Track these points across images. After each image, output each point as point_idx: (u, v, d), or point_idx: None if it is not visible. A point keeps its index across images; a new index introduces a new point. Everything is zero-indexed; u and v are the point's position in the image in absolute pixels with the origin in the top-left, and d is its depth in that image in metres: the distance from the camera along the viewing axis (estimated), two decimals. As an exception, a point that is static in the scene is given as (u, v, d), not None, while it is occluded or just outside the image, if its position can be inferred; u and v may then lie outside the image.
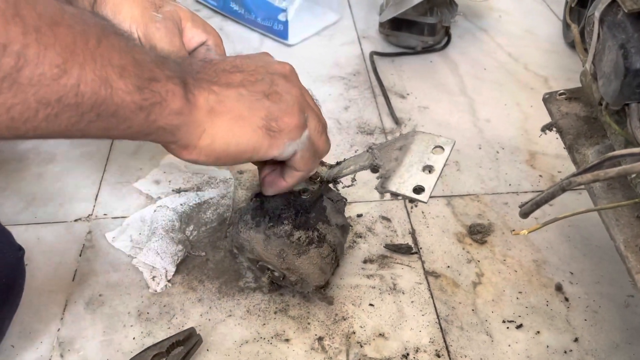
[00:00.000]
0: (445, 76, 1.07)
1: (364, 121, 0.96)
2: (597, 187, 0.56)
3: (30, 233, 0.76)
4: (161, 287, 0.68)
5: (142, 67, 0.42)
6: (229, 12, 1.21)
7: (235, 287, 0.69)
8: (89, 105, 0.39)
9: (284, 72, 0.53)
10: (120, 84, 0.40)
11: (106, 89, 0.39)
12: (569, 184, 0.40)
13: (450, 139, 0.57)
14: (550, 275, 0.71)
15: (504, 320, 0.66)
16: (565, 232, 0.77)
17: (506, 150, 0.90)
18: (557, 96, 0.67)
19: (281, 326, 0.65)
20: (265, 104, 0.50)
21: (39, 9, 0.36)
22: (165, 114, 0.43)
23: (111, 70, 0.39)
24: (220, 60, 0.51)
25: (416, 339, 0.64)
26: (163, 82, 0.43)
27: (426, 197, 0.53)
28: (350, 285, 0.70)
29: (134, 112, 0.41)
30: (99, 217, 0.78)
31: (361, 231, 0.77)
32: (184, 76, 0.46)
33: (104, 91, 0.39)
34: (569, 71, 1.07)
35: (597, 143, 0.60)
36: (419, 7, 1.07)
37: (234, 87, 0.49)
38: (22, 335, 0.64)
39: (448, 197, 0.82)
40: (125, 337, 0.64)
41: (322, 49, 1.14)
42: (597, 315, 0.67)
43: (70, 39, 0.37)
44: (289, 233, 0.59)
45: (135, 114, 0.41)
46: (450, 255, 0.74)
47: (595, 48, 0.56)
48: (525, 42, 1.17)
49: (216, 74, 0.49)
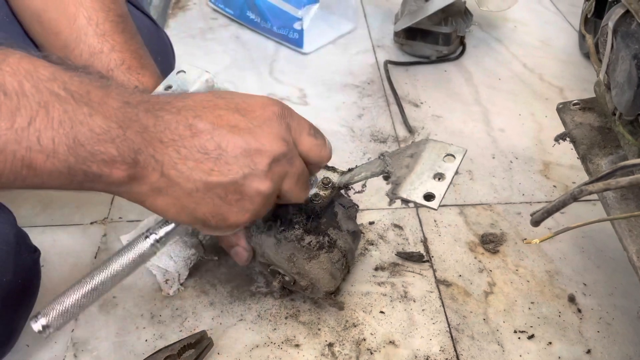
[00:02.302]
0: (460, 86, 1.07)
1: (377, 129, 0.96)
2: (611, 197, 0.55)
3: (47, 235, 0.77)
4: (174, 290, 0.69)
5: (80, 148, 0.39)
6: (246, 21, 1.22)
7: (247, 291, 0.70)
8: (12, 178, 0.38)
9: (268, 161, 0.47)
10: (46, 165, 0.38)
11: (29, 170, 0.38)
12: (580, 193, 0.40)
13: (461, 147, 0.57)
14: (563, 286, 0.71)
15: (515, 331, 0.66)
16: (579, 243, 0.76)
17: (520, 160, 0.90)
18: (571, 106, 0.67)
19: (292, 331, 0.65)
20: (218, 203, 0.46)
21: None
22: (100, 185, 0.42)
23: (37, 152, 0.38)
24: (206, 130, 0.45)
25: (426, 348, 0.64)
26: (102, 163, 0.40)
27: (436, 205, 0.53)
28: (361, 292, 0.70)
29: (64, 184, 0.40)
30: (115, 220, 0.80)
31: (373, 238, 0.77)
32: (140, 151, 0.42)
33: (26, 171, 0.38)
34: (585, 82, 1.06)
35: (610, 153, 0.60)
36: (433, 17, 1.08)
37: (193, 179, 0.45)
38: (37, 335, 0.64)
39: (461, 206, 0.82)
40: (138, 339, 0.65)
41: (336, 58, 1.15)
42: (610, 327, 0.66)
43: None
44: (300, 237, 0.60)
45: (66, 185, 0.40)
46: (462, 264, 0.74)
47: (608, 58, 0.55)
48: (540, 52, 1.17)
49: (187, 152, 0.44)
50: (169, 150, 0.44)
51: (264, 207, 0.49)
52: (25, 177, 0.38)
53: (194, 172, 0.45)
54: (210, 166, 0.45)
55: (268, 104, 0.49)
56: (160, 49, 0.81)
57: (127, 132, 0.41)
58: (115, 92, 0.43)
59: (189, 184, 0.45)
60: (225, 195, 0.46)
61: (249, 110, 0.48)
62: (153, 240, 0.50)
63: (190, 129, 0.45)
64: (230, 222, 0.48)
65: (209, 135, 0.45)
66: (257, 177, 0.47)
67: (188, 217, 0.47)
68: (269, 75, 1.10)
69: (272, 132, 0.48)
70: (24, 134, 0.37)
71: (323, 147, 0.54)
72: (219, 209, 0.47)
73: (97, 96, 0.41)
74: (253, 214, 0.49)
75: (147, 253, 0.50)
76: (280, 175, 0.49)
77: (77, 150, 0.39)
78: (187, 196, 0.45)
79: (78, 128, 0.39)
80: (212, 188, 0.45)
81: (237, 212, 0.47)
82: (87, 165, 0.40)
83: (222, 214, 0.47)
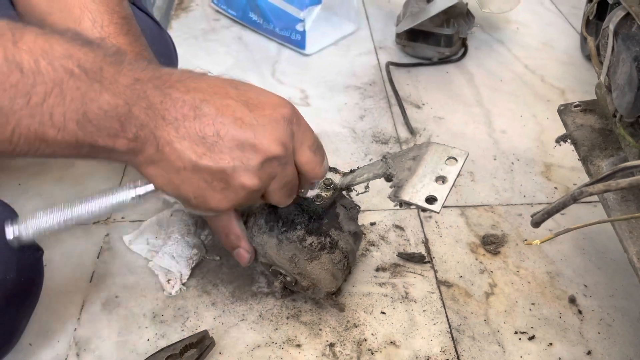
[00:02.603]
0: (461, 87, 1.08)
1: (379, 130, 0.97)
2: (611, 199, 0.56)
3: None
4: (176, 290, 0.70)
5: (88, 123, 0.41)
6: (248, 22, 1.23)
7: (249, 291, 0.70)
8: (25, 149, 0.40)
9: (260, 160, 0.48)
10: (57, 138, 0.41)
11: (41, 142, 0.40)
12: (581, 194, 0.40)
13: (464, 150, 0.57)
14: (564, 288, 0.71)
15: (516, 332, 0.66)
16: (579, 244, 0.76)
17: (521, 161, 0.90)
18: (572, 108, 0.67)
19: (293, 331, 0.66)
20: (202, 186, 0.48)
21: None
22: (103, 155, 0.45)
23: (49, 126, 0.40)
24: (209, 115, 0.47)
25: (427, 348, 0.64)
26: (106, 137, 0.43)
27: (438, 208, 0.54)
28: (363, 292, 0.70)
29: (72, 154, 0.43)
30: (117, 221, 0.80)
31: (374, 239, 0.77)
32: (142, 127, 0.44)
33: (39, 143, 0.40)
34: (586, 84, 1.06)
35: (611, 155, 0.60)
36: (435, 19, 1.08)
37: (184, 158, 0.46)
38: (40, 334, 0.66)
39: (462, 207, 0.82)
40: (140, 338, 0.65)
41: (338, 59, 1.15)
42: (610, 328, 0.66)
43: (7, 100, 0.38)
44: (302, 238, 0.60)
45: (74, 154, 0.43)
46: (463, 265, 0.74)
47: (609, 60, 0.56)
48: (542, 54, 1.17)
49: (186, 132, 0.46)
50: (169, 127, 0.46)
51: (246, 201, 0.51)
52: (37, 148, 0.41)
53: (186, 152, 0.46)
54: (204, 150, 0.47)
55: (280, 105, 0.50)
56: (163, 50, 0.82)
57: (132, 108, 0.43)
58: (127, 67, 0.44)
59: (179, 162, 0.47)
60: (211, 180, 0.48)
61: (258, 107, 0.49)
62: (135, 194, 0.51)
63: (194, 111, 0.46)
64: (211, 206, 0.50)
65: (210, 121, 0.47)
66: (247, 172, 0.48)
67: (172, 190, 0.49)
68: (271, 77, 1.10)
69: (274, 134, 0.49)
70: (38, 110, 0.39)
71: (319, 165, 0.54)
72: (202, 192, 0.49)
73: (109, 72, 0.43)
74: (234, 204, 0.50)
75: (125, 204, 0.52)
76: (270, 175, 0.50)
77: (85, 125, 0.41)
78: (175, 173, 0.47)
79: (88, 105, 0.41)
80: (200, 171, 0.47)
81: (219, 199, 0.49)
82: (93, 139, 0.42)
83: (204, 197, 0.49)
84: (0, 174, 0.87)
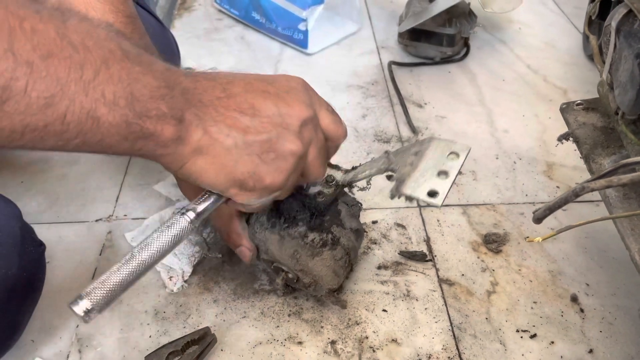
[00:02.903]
0: (464, 86, 1.08)
1: (381, 129, 0.97)
2: (613, 196, 0.56)
3: (53, 232, 0.78)
4: (178, 287, 0.70)
5: (137, 102, 0.41)
6: (251, 21, 1.23)
7: (250, 289, 0.70)
8: (75, 132, 0.39)
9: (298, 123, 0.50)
10: (108, 118, 0.40)
11: (93, 122, 0.40)
12: (582, 189, 0.40)
13: (465, 145, 0.57)
14: (566, 286, 0.71)
15: (517, 330, 0.66)
16: (581, 243, 0.76)
17: (523, 160, 0.90)
18: (575, 106, 0.67)
19: (294, 329, 0.66)
20: (255, 161, 0.49)
21: (35, 40, 0.36)
22: (150, 145, 0.44)
23: (102, 104, 0.40)
24: (240, 93, 0.49)
25: (429, 346, 0.64)
26: (155, 119, 0.43)
27: (440, 202, 0.54)
28: (364, 290, 0.70)
29: (119, 142, 0.42)
30: (120, 218, 0.80)
31: (376, 237, 0.77)
32: (185, 109, 0.45)
33: (91, 123, 0.40)
34: (589, 84, 1.06)
35: (613, 153, 0.60)
36: (438, 18, 1.08)
37: (232, 135, 0.47)
38: (42, 330, 0.66)
39: (464, 206, 0.82)
40: (142, 335, 0.65)
41: (341, 58, 1.16)
42: (612, 327, 0.66)
43: (63, 71, 0.38)
44: (303, 234, 0.60)
45: (121, 143, 0.42)
46: (465, 263, 0.74)
47: (611, 58, 0.56)
48: (544, 54, 1.17)
49: (225, 110, 0.47)
50: (209, 109, 0.47)
51: (295, 170, 0.51)
52: (87, 132, 0.40)
53: (233, 130, 0.47)
54: (247, 124, 0.48)
55: (291, 78, 0.54)
56: (165, 48, 0.82)
57: (173, 91, 0.44)
58: (158, 59, 0.46)
59: (229, 139, 0.47)
60: (261, 152, 0.49)
61: (275, 81, 0.52)
62: (191, 217, 0.50)
63: (225, 92, 0.48)
64: (267, 182, 0.50)
65: (243, 98, 0.48)
66: (289, 136, 0.50)
67: (226, 177, 0.48)
68: (274, 76, 1.11)
69: (299, 99, 0.51)
70: (90, 85, 0.39)
71: (340, 124, 0.56)
72: (256, 167, 0.49)
73: (145, 59, 0.43)
74: (286, 176, 0.50)
75: (186, 230, 0.51)
76: (308, 139, 0.52)
77: (134, 105, 0.41)
78: (227, 153, 0.47)
79: (134, 85, 0.41)
80: (250, 144, 0.48)
81: (273, 171, 0.49)
82: (142, 121, 0.42)
83: (259, 173, 0.49)
84: (4, 172, 0.87)
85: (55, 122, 0.38)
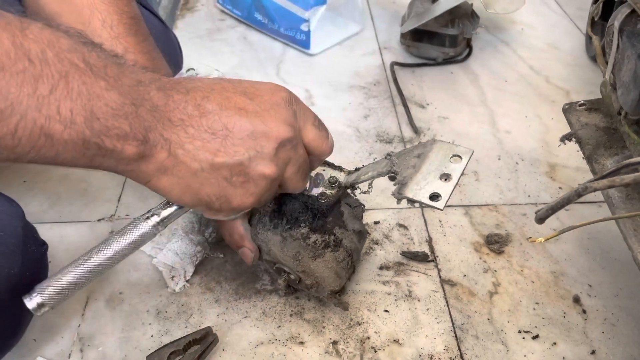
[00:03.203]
0: (466, 87, 1.08)
1: (383, 130, 0.97)
2: (616, 196, 0.55)
3: (55, 231, 0.78)
4: (180, 287, 0.70)
5: (96, 121, 0.39)
6: (253, 22, 1.23)
7: (252, 289, 0.70)
8: (27, 147, 0.38)
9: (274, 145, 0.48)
10: (63, 135, 0.38)
11: (46, 138, 0.38)
12: (585, 189, 0.40)
13: (468, 148, 0.57)
14: (568, 287, 0.71)
15: (519, 331, 0.66)
16: (584, 244, 0.76)
17: (526, 161, 0.90)
18: (577, 107, 0.67)
19: (296, 329, 0.66)
20: (222, 184, 0.47)
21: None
22: (110, 162, 0.42)
23: (56, 121, 0.37)
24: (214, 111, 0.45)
25: (431, 347, 0.64)
26: (115, 138, 0.41)
27: (442, 205, 0.53)
28: (366, 290, 0.70)
29: (77, 158, 0.40)
30: (122, 218, 0.80)
31: (378, 238, 0.77)
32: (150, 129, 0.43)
33: (44, 140, 0.38)
34: (591, 85, 1.06)
35: (616, 154, 0.60)
36: (440, 19, 1.08)
37: (199, 158, 0.45)
38: (44, 329, 0.66)
39: (466, 207, 0.82)
40: (144, 335, 0.65)
41: (343, 59, 1.16)
42: (615, 328, 0.66)
43: (15, 86, 0.36)
44: (306, 236, 0.60)
45: (78, 159, 0.40)
46: (467, 264, 0.74)
47: (614, 58, 0.56)
48: (547, 55, 1.17)
49: (195, 131, 0.45)
50: (178, 129, 0.44)
51: (267, 192, 0.49)
52: (40, 148, 0.38)
53: (201, 152, 0.45)
54: (217, 146, 0.45)
55: (276, 90, 0.50)
56: (168, 49, 0.82)
57: (139, 109, 0.42)
58: (128, 70, 0.43)
59: (195, 163, 0.45)
60: (230, 176, 0.46)
61: (256, 95, 0.48)
62: (154, 222, 0.50)
63: (198, 109, 0.45)
64: (234, 205, 0.48)
65: (216, 116, 0.45)
66: (263, 160, 0.47)
67: (192, 198, 0.47)
68: (276, 76, 1.11)
69: (279, 117, 0.48)
70: (44, 101, 0.37)
71: (325, 140, 0.54)
72: (223, 191, 0.47)
73: (112, 71, 0.41)
74: (256, 198, 0.49)
75: (148, 234, 0.50)
76: (285, 160, 0.49)
77: (93, 123, 0.39)
78: (192, 176, 0.45)
79: (95, 101, 0.39)
80: (218, 168, 0.46)
81: (241, 194, 0.48)
82: (100, 140, 0.40)
83: (226, 196, 0.47)
84: (6, 172, 0.87)
85: (6, 137, 0.36)
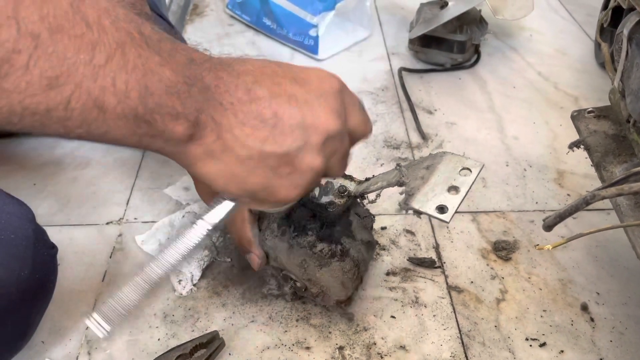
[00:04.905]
0: (474, 93, 1.08)
1: (390, 135, 0.97)
2: (625, 204, 0.55)
3: (64, 234, 0.78)
4: (187, 290, 0.70)
5: (150, 97, 0.38)
6: (262, 27, 1.24)
7: (259, 293, 0.70)
8: (79, 121, 0.36)
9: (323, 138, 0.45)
10: (116, 109, 0.36)
11: (99, 113, 0.36)
12: (593, 197, 0.40)
13: (478, 162, 0.56)
14: (576, 295, 0.70)
15: (527, 338, 0.66)
16: (592, 252, 0.76)
17: (534, 168, 0.90)
18: (586, 114, 0.67)
19: (302, 334, 0.66)
20: (269, 175, 0.45)
21: (45, 10, 0.32)
22: (158, 142, 0.41)
23: (110, 94, 0.36)
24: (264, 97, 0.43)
25: (437, 353, 0.64)
26: (167, 117, 0.39)
27: (449, 217, 0.53)
28: (373, 296, 0.70)
29: (126, 136, 0.38)
30: (130, 221, 0.81)
31: (385, 244, 0.77)
32: (201, 110, 0.41)
33: (96, 113, 0.36)
34: (600, 91, 1.06)
35: (625, 161, 0.60)
36: (448, 25, 1.08)
37: (248, 146, 0.43)
38: (53, 332, 0.66)
39: (473, 213, 0.82)
40: (151, 338, 0.65)
41: (351, 64, 1.16)
42: (623, 336, 0.66)
43: (72, 50, 0.33)
44: (312, 244, 0.60)
45: (127, 137, 0.39)
46: (474, 270, 0.74)
47: (623, 65, 0.56)
48: (556, 61, 1.17)
49: (245, 117, 0.43)
50: (228, 113, 0.42)
51: (312, 184, 0.48)
52: (91, 122, 0.36)
53: (249, 139, 0.43)
54: (266, 134, 0.43)
55: (325, 77, 0.47)
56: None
57: (192, 89, 0.40)
58: (181, 46, 0.41)
59: (243, 150, 0.43)
60: (277, 166, 0.44)
61: (306, 81, 0.46)
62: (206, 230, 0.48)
63: (248, 94, 0.43)
64: (279, 197, 0.46)
65: (266, 103, 0.43)
66: (311, 151, 0.45)
67: (237, 187, 0.45)
68: (284, 81, 1.11)
69: (328, 107, 0.46)
70: (100, 71, 0.35)
71: (368, 123, 0.52)
72: (269, 181, 0.45)
73: (166, 47, 0.39)
74: (302, 190, 0.47)
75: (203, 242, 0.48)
76: (331, 152, 0.47)
77: (147, 99, 0.38)
78: (240, 164, 0.44)
79: (149, 76, 0.37)
80: (266, 157, 0.44)
81: (287, 186, 0.46)
82: (152, 117, 0.38)
83: (271, 187, 0.46)
84: (16, 174, 0.88)
85: (58, 107, 0.34)
